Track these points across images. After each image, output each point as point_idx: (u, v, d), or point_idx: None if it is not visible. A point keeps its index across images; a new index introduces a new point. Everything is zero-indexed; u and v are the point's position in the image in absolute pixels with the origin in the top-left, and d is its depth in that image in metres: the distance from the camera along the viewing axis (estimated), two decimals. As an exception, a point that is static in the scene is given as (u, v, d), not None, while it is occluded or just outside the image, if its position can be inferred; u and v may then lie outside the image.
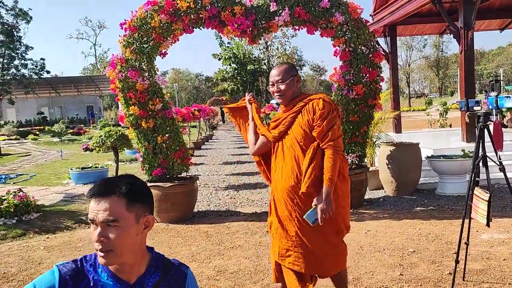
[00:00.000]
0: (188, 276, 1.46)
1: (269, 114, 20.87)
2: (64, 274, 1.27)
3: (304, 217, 2.51)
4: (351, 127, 5.88)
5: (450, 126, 14.19)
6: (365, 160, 6.47)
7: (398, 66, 12.72)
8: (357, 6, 5.65)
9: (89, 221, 1.30)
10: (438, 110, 17.78)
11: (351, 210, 5.76)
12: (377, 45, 6.05)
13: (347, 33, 5.70)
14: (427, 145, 7.45)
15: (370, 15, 10.94)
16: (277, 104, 24.00)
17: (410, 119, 23.11)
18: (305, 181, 2.53)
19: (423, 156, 6.64)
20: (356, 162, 6.01)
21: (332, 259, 2.64)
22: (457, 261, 3.04)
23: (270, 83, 2.72)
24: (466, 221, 3.08)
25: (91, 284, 1.30)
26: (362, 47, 5.76)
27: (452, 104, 23.42)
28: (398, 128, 10.70)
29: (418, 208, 5.76)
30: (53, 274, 1.27)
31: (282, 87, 2.65)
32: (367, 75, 5.81)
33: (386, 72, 11.83)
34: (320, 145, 2.57)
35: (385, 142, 6.98)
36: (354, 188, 5.85)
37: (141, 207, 1.33)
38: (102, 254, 1.26)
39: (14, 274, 4.07)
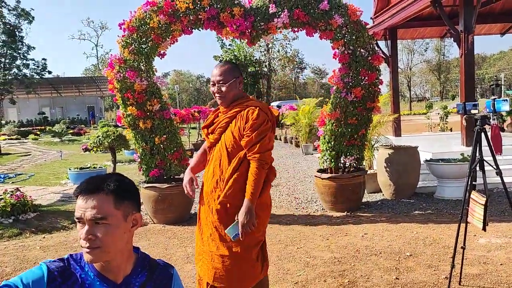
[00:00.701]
0: (174, 277, 1.46)
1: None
2: (53, 270, 1.26)
3: (225, 231, 2.40)
4: (349, 129, 5.86)
5: (451, 130, 14.17)
6: (363, 163, 6.44)
7: (399, 69, 12.73)
8: (356, 9, 5.64)
9: (76, 220, 1.28)
10: (438, 114, 17.76)
11: (349, 213, 5.75)
12: (376, 48, 6.04)
13: (346, 35, 5.69)
14: (426, 149, 7.42)
15: (371, 18, 10.94)
16: (278, 106, 23.94)
17: (410, 122, 23.08)
18: (225, 190, 2.44)
19: (422, 159, 6.62)
20: (354, 165, 5.99)
21: (238, 274, 2.44)
22: (453, 266, 3.01)
23: (211, 83, 2.54)
24: (463, 225, 3.06)
25: (79, 281, 1.28)
26: (361, 50, 5.75)
27: (453, 108, 23.36)
28: (397, 132, 10.68)
29: (416, 212, 5.73)
30: (41, 269, 1.25)
31: (224, 88, 2.49)
32: (366, 77, 5.79)
33: (386, 75, 11.84)
34: (247, 156, 2.44)
35: (383, 145, 6.96)
36: (352, 191, 5.86)
37: (129, 204, 1.33)
38: (88, 250, 1.25)
39: (8, 273, 4.05)
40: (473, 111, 2.93)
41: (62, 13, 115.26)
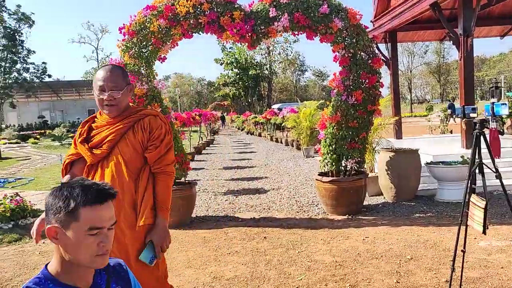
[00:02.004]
0: (125, 265, 1.51)
1: (270, 119, 20.89)
2: None
3: (140, 258, 2.13)
4: (350, 133, 5.86)
5: (451, 132, 14.17)
6: (364, 166, 6.44)
7: (400, 71, 12.74)
8: (356, 12, 5.66)
9: (94, 230, 1.27)
10: (439, 116, 17.78)
11: (350, 217, 5.75)
12: (376, 51, 6.06)
13: (346, 38, 5.70)
14: (427, 151, 7.42)
15: (371, 21, 10.96)
16: (279, 109, 23.95)
17: (411, 125, 23.10)
18: (143, 214, 2.15)
19: (423, 162, 6.62)
20: (355, 168, 5.99)
21: None
22: (453, 269, 3.01)
23: (99, 88, 2.18)
24: (463, 228, 3.06)
25: None
26: (362, 53, 5.76)
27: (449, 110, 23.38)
28: (398, 134, 10.68)
29: (417, 215, 5.73)
30: None
31: (118, 95, 2.18)
32: (367, 80, 5.80)
33: (387, 78, 11.85)
34: (153, 169, 2.23)
35: (384, 148, 6.96)
36: (353, 194, 5.86)
37: None
38: (105, 255, 1.31)
39: (8, 279, 4.05)
40: (472, 115, 2.94)
41: (62, 16, 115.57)
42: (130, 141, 2.22)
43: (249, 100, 52.96)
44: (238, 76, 50.22)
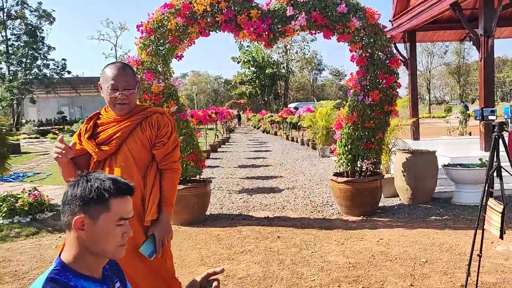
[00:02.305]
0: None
1: (286, 118, 20.85)
2: None
3: (140, 250, 2.15)
4: (366, 133, 5.81)
5: (470, 134, 13.93)
6: (380, 167, 6.38)
7: (419, 72, 12.55)
8: (374, 12, 5.60)
9: (122, 220, 1.33)
10: (458, 117, 17.48)
11: (365, 218, 5.70)
12: (394, 51, 5.98)
13: (364, 38, 5.65)
14: (444, 153, 7.31)
15: (390, 21, 10.83)
16: (295, 108, 23.88)
17: (429, 126, 22.76)
18: (151, 209, 2.21)
19: (440, 164, 6.52)
20: (371, 169, 5.93)
21: None
22: (468, 273, 2.96)
23: (113, 87, 2.18)
24: (479, 232, 3.00)
25: None
26: (379, 53, 5.70)
27: (473, 112, 22.97)
28: (416, 135, 10.54)
29: (433, 217, 5.65)
30: None
31: (131, 95, 2.21)
32: (384, 81, 5.74)
33: (405, 78, 11.71)
34: (160, 165, 2.28)
35: (401, 149, 6.88)
36: (368, 195, 5.81)
37: None
38: (125, 245, 1.36)
39: (25, 272, 4.14)
40: (490, 117, 2.88)
41: (82, 14, 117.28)
42: (139, 138, 2.24)
43: (266, 99, 52.93)
44: (255, 75, 50.22)
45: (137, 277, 2.11)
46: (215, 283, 1.47)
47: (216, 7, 5.49)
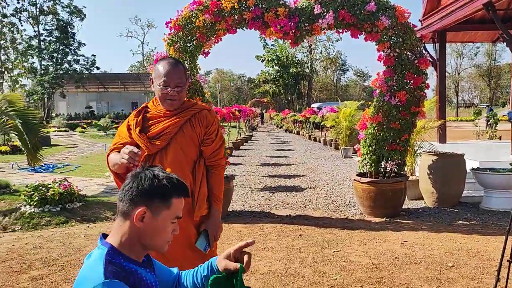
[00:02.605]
0: None
1: (309, 118, 20.73)
2: (124, 281, 1.28)
3: (196, 245, 2.23)
4: (391, 134, 5.73)
5: (500, 138, 13.52)
6: (405, 169, 6.28)
7: (447, 74, 12.25)
8: (404, 10, 5.51)
9: (176, 219, 1.39)
10: (486, 120, 16.99)
11: (388, 219, 5.62)
12: (423, 51, 5.87)
13: (392, 37, 5.57)
14: (473, 157, 7.13)
15: (419, 20, 10.62)
16: (319, 108, 23.71)
17: (456, 129, 22.22)
18: (202, 205, 2.26)
19: (468, 168, 6.36)
20: (395, 170, 5.85)
21: None
22: (498, 279, 2.89)
23: (165, 83, 2.18)
24: (510, 238, 2.92)
25: (137, 275, 1.33)
26: (408, 53, 5.61)
27: (503, 115, 22.28)
28: (442, 138, 10.30)
29: (459, 222, 5.52)
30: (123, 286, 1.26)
31: (181, 92, 2.21)
32: (412, 81, 5.64)
33: (432, 80, 11.47)
34: (207, 161, 2.31)
35: (427, 151, 6.75)
36: (392, 197, 5.73)
37: None
38: (170, 242, 1.41)
39: (55, 259, 4.26)
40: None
41: (112, 11, 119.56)
42: (188, 133, 2.26)
43: (289, 98, 52.76)
44: (278, 74, 50.09)
45: (190, 267, 2.17)
46: (246, 257, 1.49)
47: (244, 5, 5.51)
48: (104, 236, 1.40)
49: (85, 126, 30.18)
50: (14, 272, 3.91)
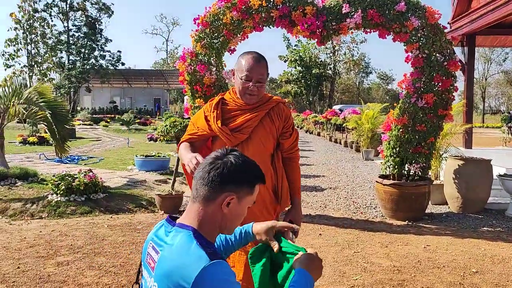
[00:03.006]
0: None
1: (330, 119, 20.57)
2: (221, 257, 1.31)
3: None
4: (416, 136, 5.64)
5: (528, 146, 13.15)
6: (429, 173, 6.18)
7: (474, 79, 11.98)
8: (435, 11, 5.42)
9: (251, 205, 1.40)
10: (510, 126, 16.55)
11: (410, 223, 5.55)
12: (454, 53, 5.75)
13: (421, 38, 5.48)
14: (500, 163, 6.96)
15: (448, 23, 10.42)
16: (340, 110, 23.53)
17: (482, 135, 21.72)
18: (285, 198, 2.33)
19: (495, 174, 6.22)
20: (419, 173, 5.76)
21: None
22: (525, 287, 2.81)
23: (247, 78, 2.18)
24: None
25: (218, 255, 1.34)
26: (437, 54, 5.51)
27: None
28: (468, 143, 10.09)
29: (484, 228, 5.41)
30: (228, 267, 1.26)
31: (261, 87, 2.22)
32: (440, 83, 5.55)
33: (459, 84, 11.22)
34: (285, 154, 2.35)
35: (453, 156, 6.62)
36: (415, 200, 5.65)
37: None
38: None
39: (80, 246, 4.36)
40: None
41: (138, 7, 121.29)
42: (268, 126, 2.28)
43: (310, 99, 52.46)
44: (301, 74, 49.85)
45: None
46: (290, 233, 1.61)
47: (271, 2, 5.51)
48: (173, 218, 1.39)
49: (108, 120, 30.70)
50: (41, 257, 4.03)
